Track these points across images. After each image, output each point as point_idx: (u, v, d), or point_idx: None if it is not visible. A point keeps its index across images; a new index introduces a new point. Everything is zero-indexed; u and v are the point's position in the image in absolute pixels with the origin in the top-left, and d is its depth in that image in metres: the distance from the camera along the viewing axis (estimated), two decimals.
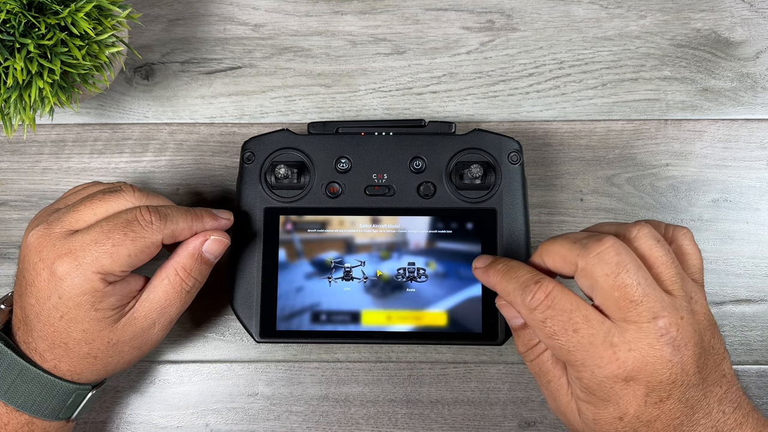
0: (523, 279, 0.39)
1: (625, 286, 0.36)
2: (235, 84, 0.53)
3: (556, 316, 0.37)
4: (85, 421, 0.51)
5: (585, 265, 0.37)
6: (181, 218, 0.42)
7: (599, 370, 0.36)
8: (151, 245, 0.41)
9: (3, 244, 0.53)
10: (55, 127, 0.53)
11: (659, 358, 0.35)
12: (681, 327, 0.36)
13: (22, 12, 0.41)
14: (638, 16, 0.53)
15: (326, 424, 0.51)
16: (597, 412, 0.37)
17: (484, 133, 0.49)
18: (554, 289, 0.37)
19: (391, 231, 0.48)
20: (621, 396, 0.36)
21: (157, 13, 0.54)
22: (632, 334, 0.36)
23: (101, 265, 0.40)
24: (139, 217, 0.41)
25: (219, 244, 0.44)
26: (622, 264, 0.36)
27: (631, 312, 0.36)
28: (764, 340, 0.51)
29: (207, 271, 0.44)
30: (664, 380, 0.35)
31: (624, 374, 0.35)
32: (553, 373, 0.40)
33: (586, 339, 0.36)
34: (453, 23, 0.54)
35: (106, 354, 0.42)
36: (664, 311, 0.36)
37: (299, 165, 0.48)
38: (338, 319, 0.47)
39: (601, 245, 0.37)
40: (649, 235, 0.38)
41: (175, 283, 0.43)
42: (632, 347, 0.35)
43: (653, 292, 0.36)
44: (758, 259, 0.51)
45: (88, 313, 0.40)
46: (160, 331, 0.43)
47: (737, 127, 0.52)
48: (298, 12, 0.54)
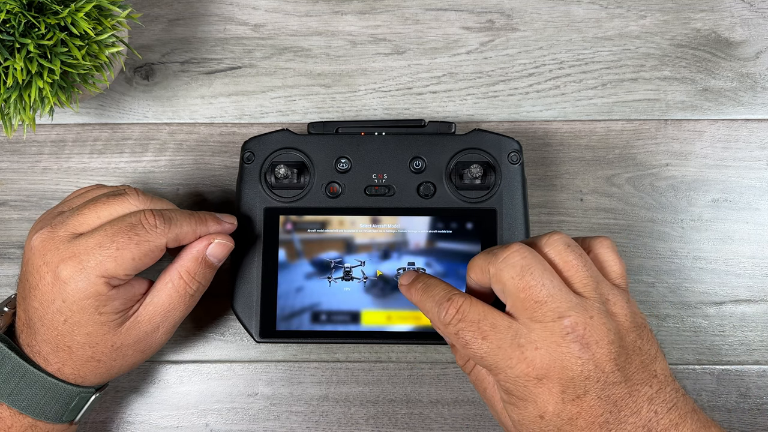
0: (438, 296, 0.40)
1: (530, 287, 0.37)
2: (235, 84, 0.53)
3: (466, 328, 0.38)
4: (85, 421, 0.51)
5: (495, 270, 0.38)
6: (185, 222, 0.42)
7: (510, 371, 0.37)
8: (155, 249, 0.41)
9: (3, 244, 0.53)
10: (55, 127, 0.53)
11: (567, 355, 0.36)
12: (590, 326, 0.37)
13: (22, 12, 0.41)
14: (638, 16, 0.53)
15: (326, 424, 0.51)
16: (519, 413, 0.38)
17: (484, 133, 0.49)
18: (464, 303, 0.39)
19: (391, 231, 0.48)
20: (537, 394, 0.37)
21: (157, 13, 0.54)
22: (538, 333, 0.37)
23: (105, 269, 0.40)
24: (143, 221, 0.41)
25: (223, 248, 0.44)
26: (527, 266, 0.38)
27: (536, 312, 0.37)
28: (764, 340, 0.51)
29: (211, 275, 0.45)
30: (576, 376, 0.36)
31: (534, 372, 0.37)
32: (487, 380, 0.42)
33: (495, 344, 0.37)
34: (453, 23, 0.54)
35: (109, 357, 0.42)
36: (570, 311, 0.37)
37: (299, 165, 0.48)
38: (338, 319, 0.47)
39: (508, 250, 0.38)
40: (559, 240, 0.39)
41: (179, 286, 0.43)
42: (539, 346, 0.37)
43: (559, 293, 0.37)
44: (758, 259, 0.51)
45: (91, 316, 0.40)
46: (163, 334, 0.44)
47: (737, 127, 0.52)
48: (298, 12, 0.54)
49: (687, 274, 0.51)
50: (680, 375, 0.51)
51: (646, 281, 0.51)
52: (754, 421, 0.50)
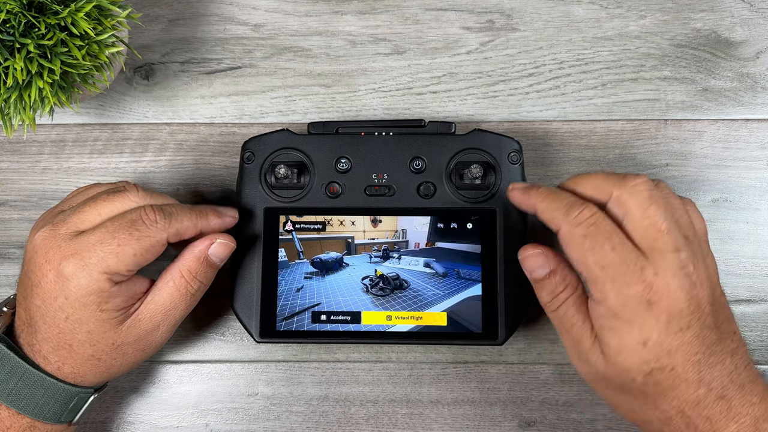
0: (568, 200, 0.41)
1: (655, 215, 0.39)
2: (235, 84, 0.53)
3: (598, 233, 0.39)
4: (85, 421, 0.51)
5: (620, 194, 0.40)
6: (186, 216, 0.43)
7: (627, 289, 0.38)
8: (156, 244, 0.41)
9: (3, 244, 0.53)
10: (55, 127, 0.53)
11: (680, 288, 0.37)
12: (697, 266, 0.38)
13: (22, 12, 0.41)
14: (638, 16, 0.53)
15: (326, 424, 0.51)
16: (621, 339, 0.38)
17: (484, 133, 0.49)
18: (598, 212, 0.40)
19: (391, 231, 0.48)
20: (645, 319, 0.38)
21: (157, 13, 0.54)
22: (658, 261, 0.38)
23: (107, 265, 0.40)
24: (143, 216, 0.41)
25: (225, 248, 0.44)
26: (653, 198, 0.39)
27: (658, 241, 0.38)
28: (764, 340, 0.51)
29: (212, 275, 0.45)
30: (684, 310, 0.37)
31: (648, 295, 0.37)
32: (577, 317, 0.41)
33: (620, 257, 0.38)
34: (453, 23, 0.54)
35: (110, 356, 0.42)
36: (685, 247, 0.38)
37: (299, 165, 0.48)
38: (338, 319, 0.47)
39: (637, 179, 0.40)
40: (665, 186, 0.41)
41: (180, 285, 0.43)
42: (658, 272, 0.38)
43: (676, 229, 0.39)
44: (758, 259, 0.51)
45: (93, 313, 0.40)
46: (164, 333, 0.44)
47: (737, 127, 0.52)
48: (298, 12, 0.54)
49: None
50: None
51: None
52: None
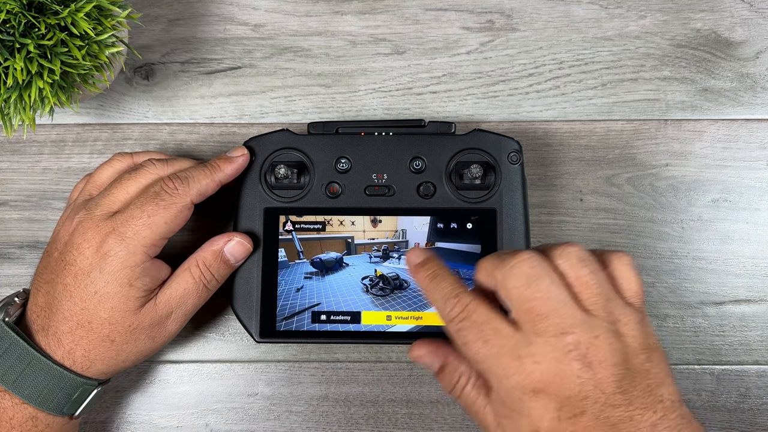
0: (445, 291, 0.39)
1: (535, 299, 0.36)
2: (235, 84, 0.53)
3: (469, 327, 0.38)
4: (85, 421, 0.51)
5: (502, 277, 0.38)
6: (202, 176, 0.45)
7: (506, 381, 0.36)
8: (183, 209, 0.44)
9: (3, 244, 0.53)
10: (55, 127, 0.53)
11: (567, 372, 0.35)
12: (594, 345, 0.36)
13: (22, 12, 0.41)
14: (638, 16, 0.53)
15: (326, 424, 0.51)
16: (513, 426, 0.37)
17: (484, 133, 0.49)
18: (470, 303, 0.38)
19: (391, 231, 0.48)
20: (531, 408, 0.36)
21: (157, 13, 0.54)
22: (539, 347, 0.36)
23: (143, 237, 0.43)
24: (165, 187, 0.44)
25: (241, 247, 0.46)
26: (534, 276, 0.37)
27: (538, 325, 0.36)
28: (764, 340, 0.51)
29: (226, 272, 0.46)
30: (574, 395, 0.35)
31: (531, 385, 0.36)
32: (480, 402, 0.40)
33: (495, 350, 0.37)
34: (453, 23, 0.54)
35: (123, 339, 0.43)
36: (575, 328, 0.36)
37: (299, 165, 0.48)
38: (338, 319, 0.47)
39: (517, 258, 0.37)
40: (573, 254, 0.38)
41: (195, 274, 0.45)
42: (538, 360, 0.36)
43: (564, 308, 0.36)
44: (758, 259, 0.51)
45: (122, 288, 0.42)
46: (174, 322, 0.45)
47: (737, 127, 0.52)
48: (298, 12, 0.54)
49: (687, 274, 0.51)
50: (680, 375, 0.51)
51: (646, 281, 0.51)
52: (754, 421, 0.50)
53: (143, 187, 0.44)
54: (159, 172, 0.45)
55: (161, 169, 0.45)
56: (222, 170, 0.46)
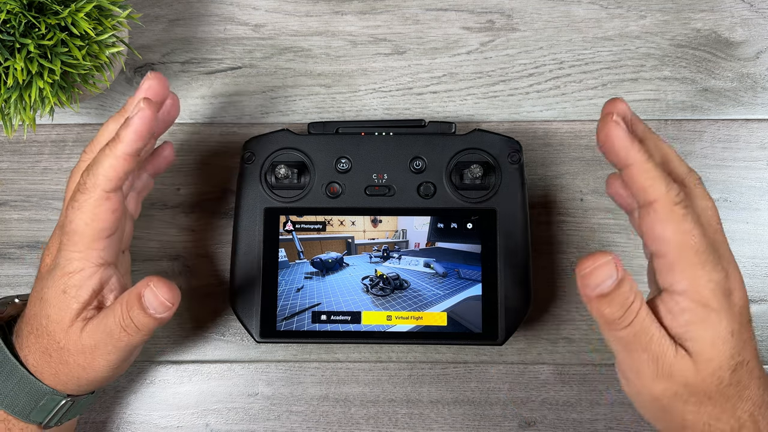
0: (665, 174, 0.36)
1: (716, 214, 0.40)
2: (235, 84, 0.53)
3: (692, 216, 0.36)
4: (85, 421, 0.51)
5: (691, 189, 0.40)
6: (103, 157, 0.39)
7: (715, 274, 0.36)
8: (97, 203, 0.39)
9: (3, 244, 0.53)
10: (55, 127, 0.53)
11: (742, 281, 0.39)
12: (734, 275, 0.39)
13: (22, 12, 0.41)
14: (638, 16, 0.53)
15: (326, 424, 0.51)
16: (714, 330, 0.36)
17: (484, 133, 0.49)
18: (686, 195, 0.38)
19: (391, 231, 0.48)
20: (728, 308, 0.37)
21: (157, 13, 0.54)
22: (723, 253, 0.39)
23: (74, 243, 0.40)
24: (78, 187, 0.40)
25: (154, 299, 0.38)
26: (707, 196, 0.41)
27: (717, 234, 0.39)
28: (764, 340, 0.51)
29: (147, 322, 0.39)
30: (746, 304, 0.38)
31: (727, 284, 0.37)
32: (653, 328, 0.36)
33: (707, 243, 0.36)
34: (453, 23, 0.54)
35: (57, 356, 0.41)
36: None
37: (299, 165, 0.48)
38: (338, 319, 0.47)
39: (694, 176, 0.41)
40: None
41: (117, 314, 0.40)
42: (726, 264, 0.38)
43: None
44: (758, 259, 0.51)
45: (58, 295, 0.40)
46: (101, 358, 0.40)
47: (737, 127, 0.52)
48: (299, 12, 0.54)
49: None
50: None
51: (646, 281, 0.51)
52: None
53: None
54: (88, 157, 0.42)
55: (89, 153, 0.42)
56: (122, 140, 0.38)
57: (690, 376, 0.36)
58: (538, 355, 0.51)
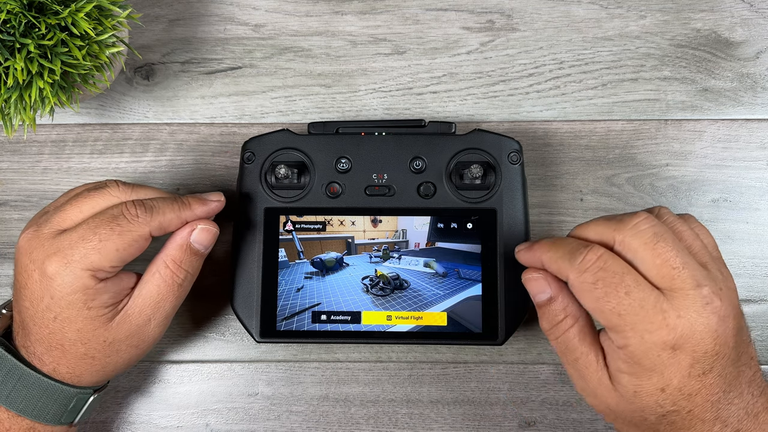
0: (572, 245, 0.38)
1: (666, 253, 0.36)
2: (235, 84, 0.53)
3: (607, 278, 0.36)
4: (85, 421, 0.51)
5: (623, 237, 0.37)
6: (168, 209, 0.42)
7: (649, 336, 0.35)
8: (138, 238, 0.41)
9: (3, 244, 0.53)
10: (55, 127, 0.53)
11: (706, 327, 0.35)
12: (722, 298, 0.36)
13: (22, 12, 0.41)
14: (638, 16, 0.53)
15: (326, 424, 0.51)
16: (639, 384, 0.36)
17: (484, 133, 0.49)
18: (605, 253, 0.37)
19: (391, 231, 0.48)
20: (667, 365, 0.35)
21: (158, 13, 0.54)
22: (679, 301, 0.35)
23: (90, 262, 0.39)
24: (125, 212, 0.41)
25: (206, 234, 0.43)
26: (659, 234, 0.36)
27: (675, 279, 0.35)
28: (764, 340, 0.51)
29: (198, 263, 0.44)
30: (709, 351, 0.35)
31: (672, 341, 0.35)
32: (581, 349, 0.39)
33: (638, 302, 0.35)
34: (453, 23, 0.54)
35: (103, 354, 0.42)
36: (705, 281, 0.36)
37: (299, 165, 0.48)
38: (338, 319, 0.47)
39: (637, 218, 0.37)
40: (669, 212, 0.39)
41: (166, 276, 0.42)
42: (681, 314, 0.35)
43: (691, 261, 0.36)
44: (758, 259, 0.51)
45: (80, 312, 0.40)
46: (156, 327, 0.43)
47: (737, 127, 0.52)
48: (299, 12, 0.54)
49: None
50: None
51: None
52: None
53: (100, 209, 0.41)
54: (120, 195, 0.42)
55: (124, 192, 0.42)
56: (191, 209, 0.43)
57: (612, 404, 0.38)
58: (538, 355, 0.51)
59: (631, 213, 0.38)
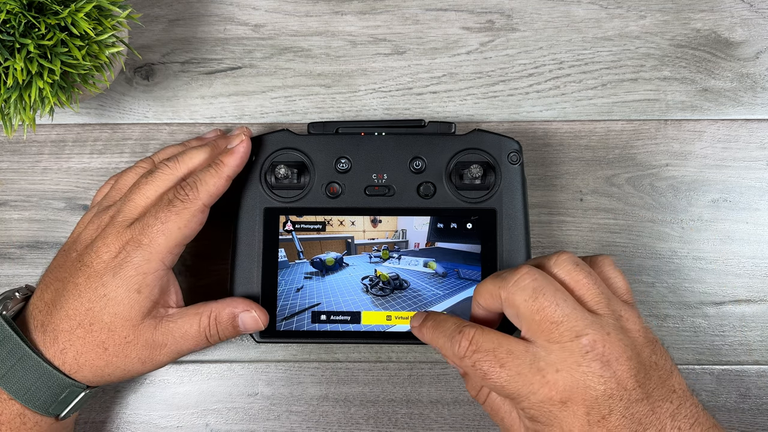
0: (449, 330, 0.40)
1: (544, 308, 0.37)
2: (235, 84, 0.53)
3: (482, 358, 0.38)
4: (85, 421, 0.51)
5: (507, 294, 0.38)
6: (209, 177, 0.45)
7: (533, 396, 0.37)
8: (195, 212, 0.44)
9: (3, 244, 0.53)
10: (55, 127, 0.53)
11: (589, 374, 0.36)
12: (608, 342, 0.36)
13: (22, 12, 0.41)
14: (638, 17, 0.53)
15: (326, 424, 0.51)
16: None
17: (484, 133, 0.49)
18: (475, 333, 0.38)
19: (391, 231, 0.48)
20: (562, 418, 0.36)
21: (157, 13, 0.54)
22: (557, 354, 0.36)
23: (158, 244, 0.43)
24: (177, 195, 0.44)
25: (253, 323, 0.46)
26: (539, 288, 0.37)
27: (553, 333, 0.37)
28: (764, 340, 0.51)
29: (231, 335, 0.46)
30: (600, 396, 0.36)
31: (558, 396, 0.36)
32: (504, 409, 0.41)
33: (514, 370, 0.37)
34: (453, 23, 0.54)
35: (115, 350, 0.43)
36: (587, 329, 0.36)
37: (299, 165, 0.48)
38: (338, 319, 0.47)
39: (517, 274, 0.38)
40: (567, 260, 0.39)
41: (203, 324, 0.45)
42: (559, 368, 0.36)
43: (574, 312, 0.37)
44: (758, 259, 0.51)
45: (129, 294, 0.42)
46: (166, 355, 0.44)
47: (737, 127, 0.52)
48: (298, 12, 0.54)
49: (687, 274, 0.51)
50: None
51: (646, 281, 0.51)
52: (754, 421, 0.50)
53: (161, 191, 0.45)
54: (173, 172, 0.46)
55: (174, 169, 0.46)
56: (227, 165, 0.46)
57: None
58: None
59: (515, 269, 0.39)
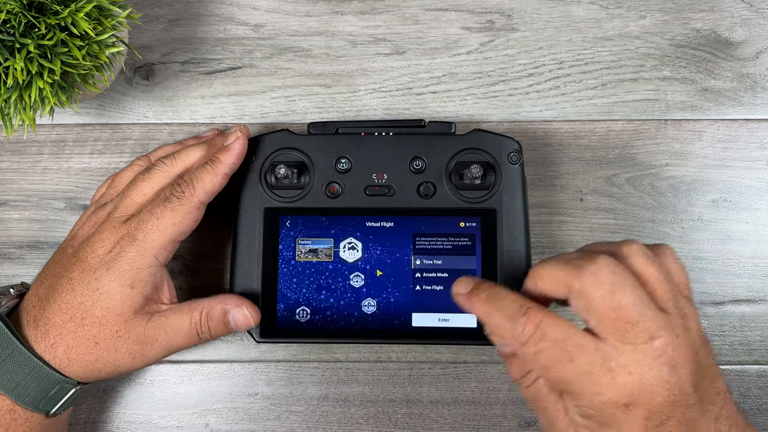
0: (510, 310, 0.37)
1: (622, 307, 0.35)
2: (235, 84, 0.53)
3: (549, 348, 0.35)
4: (85, 421, 0.51)
5: (580, 286, 0.36)
6: (205, 174, 0.45)
7: (598, 398, 0.35)
8: (191, 209, 0.44)
9: (3, 244, 0.53)
10: (55, 127, 0.53)
11: (657, 380, 0.34)
12: (677, 346, 0.35)
13: (22, 12, 0.41)
14: (638, 16, 0.53)
15: (326, 424, 0.51)
16: None
17: (484, 133, 0.49)
18: (543, 319, 0.36)
19: (391, 231, 0.48)
20: (621, 422, 0.35)
21: (157, 13, 0.54)
22: (629, 356, 0.35)
23: (152, 240, 0.43)
24: (173, 192, 0.44)
25: (243, 319, 0.45)
26: (618, 284, 0.35)
27: (628, 333, 0.35)
28: (764, 340, 0.51)
29: (222, 332, 0.46)
30: (663, 402, 0.35)
31: (624, 400, 0.35)
32: (549, 399, 0.38)
33: (583, 367, 0.35)
34: (453, 23, 0.54)
35: (106, 345, 0.43)
36: (660, 330, 0.35)
37: (299, 165, 0.48)
38: (338, 319, 0.47)
39: (595, 264, 0.36)
40: (640, 251, 0.37)
41: (194, 320, 0.45)
42: (632, 371, 0.35)
43: (649, 312, 0.35)
44: (758, 259, 0.51)
45: (123, 288, 0.42)
46: (157, 350, 0.44)
47: (737, 127, 0.52)
48: (298, 12, 0.54)
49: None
50: None
51: None
52: (754, 421, 0.50)
53: (158, 187, 0.45)
54: (170, 169, 0.46)
55: (171, 166, 0.46)
56: (223, 162, 0.46)
57: None
58: None
59: (592, 257, 0.36)
